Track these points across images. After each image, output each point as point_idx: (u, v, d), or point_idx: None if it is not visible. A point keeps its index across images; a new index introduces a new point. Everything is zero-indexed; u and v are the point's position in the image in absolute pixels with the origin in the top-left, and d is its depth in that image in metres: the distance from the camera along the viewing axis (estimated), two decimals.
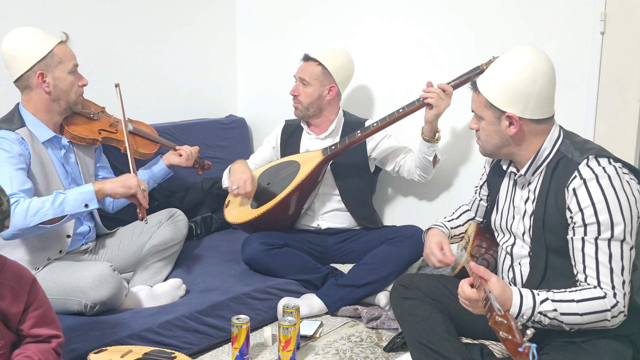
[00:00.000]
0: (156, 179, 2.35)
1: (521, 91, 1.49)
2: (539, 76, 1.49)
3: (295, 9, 2.97)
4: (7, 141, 1.85)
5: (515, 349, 1.13)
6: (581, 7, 2.15)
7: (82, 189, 1.87)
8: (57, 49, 1.94)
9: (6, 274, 1.33)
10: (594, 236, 1.41)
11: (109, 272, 1.88)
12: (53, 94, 1.95)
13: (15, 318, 1.34)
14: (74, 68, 1.98)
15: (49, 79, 1.93)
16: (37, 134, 1.95)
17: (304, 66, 2.46)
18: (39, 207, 1.77)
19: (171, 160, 2.34)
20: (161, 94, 2.93)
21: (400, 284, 1.75)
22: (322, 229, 2.48)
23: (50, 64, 1.93)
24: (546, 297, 1.38)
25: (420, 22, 2.57)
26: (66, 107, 2.00)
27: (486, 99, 1.54)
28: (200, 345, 1.94)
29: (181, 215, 2.31)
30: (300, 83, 2.45)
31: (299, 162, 2.39)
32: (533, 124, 1.53)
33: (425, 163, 2.30)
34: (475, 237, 1.78)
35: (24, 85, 1.95)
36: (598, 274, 1.40)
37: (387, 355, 1.93)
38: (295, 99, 2.47)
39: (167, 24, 2.91)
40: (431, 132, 2.22)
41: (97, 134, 2.12)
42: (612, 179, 1.42)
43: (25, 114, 1.96)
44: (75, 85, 1.99)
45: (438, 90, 2.15)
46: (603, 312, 1.38)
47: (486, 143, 1.61)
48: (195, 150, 2.38)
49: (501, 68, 1.53)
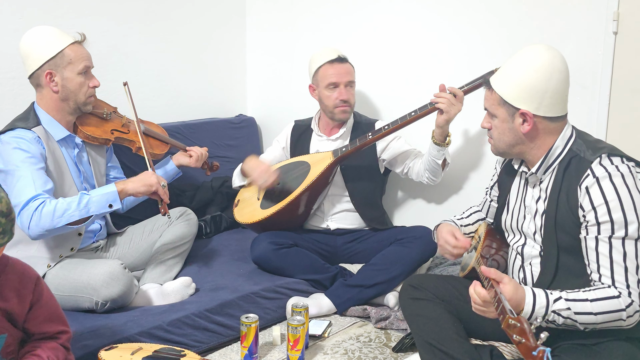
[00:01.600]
0: (166, 178, 2.35)
1: (536, 88, 1.48)
2: (555, 73, 1.48)
3: (306, 9, 2.97)
4: (24, 141, 1.87)
5: (529, 352, 1.12)
6: (594, 7, 2.13)
7: (105, 190, 1.90)
8: (69, 49, 1.94)
9: (7, 275, 1.32)
10: (608, 235, 1.40)
11: (120, 270, 1.89)
12: (61, 94, 1.96)
13: (21, 317, 1.35)
14: (84, 69, 1.97)
15: (57, 79, 1.94)
16: (52, 132, 1.97)
17: (344, 68, 2.38)
18: (65, 208, 1.81)
19: (181, 161, 2.35)
20: (171, 93, 2.94)
21: (409, 284, 1.75)
22: (331, 230, 2.48)
23: (60, 64, 1.93)
24: (559, 296, 1.37)
25: (429, 22, 2.56)
26: (75, 108, 2.01)
27: (500, 96, 1.53)
28: (210, 343, 1.94)
29: (192, 214, 2.33)
30: (346, 87, 2.38)
31: (310, 163, 2.39)
32: (547, 122, 1.52)
33: (435, 166, 2.29)
34: (485, 237, 1.77)
35: (36, 82, 1.97)
36: (612, 273, 1.39)
37: (396, 356, 1.93)
38: (345, 104, 2.38)
39: (177, 24, 2.92)
40: (442, 136, 2.21)
41: (109, 134, 2.13)
42: (626, 177, 1.41)
43: (40, 112, 1.98)
44: (86, 86, 1.99)
45: (449, 95, 2.13)
46: (618, 312, 1.36)
47: (499, 141, 1.60)
48: (204, 151, 2.39)
49: (516, 65, 1.52)
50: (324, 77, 2.38)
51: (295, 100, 2.99)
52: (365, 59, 2.61)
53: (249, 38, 3.25)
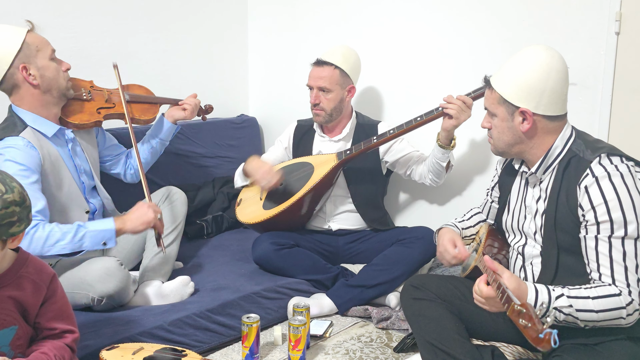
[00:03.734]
0: (165, 139, 2.30)
1: (535, 87, 1.49)
2: (552, 73, 1.50)
3: (308, 9, 2.97)
4: (16, 151, 1.79)
5: (536, 335, 1.13)
6: (596, 8, 2.13)
7: (103, 226, 1.83)
8: (29, 37, 1.84)
9: (28, 268, 1.37)
10: (607, 234, 1.40)
11: (116, 266, 1.88)
12: (42, 86, 1.87)
13: (34, 310, 1.38)
14: (52, 54, 1.89)
15: (33, 71, 1.84)
16: (42, 130, 1.89)
17: (320, 72, 2.36)
18: (59, 238, 1.75)
19: (175, 116, 2.27)
20: (173, 93, 2.92)
21: (411, 284, 1.75)
22: (333, 230, 2.48)
23: (29, 54, 1.83)
24: (561, 292, 1.38)
25: (432, 24, 2.55)
26: (59, 96, 1.93)
27: (500, 95, 1.54)
28: (211, 343, 1.94)
29: (177, 193, 2.25)
30: (318, 91, 2.37)
31: (313, 165, 2.38)
32: (546, 121, 1.52)
33: (438, 168, 2.29)
34: (487, 237, 1.77)
35: (11, 84, 1.86)
36: (612, 272, 1.39)
37: (397, 356, 1.93)
38: (316, 107, 2.38)
39: (180, 25, 2.93)
40: (447, 139, 2.21)
41: (97, 114, 2.06)
42: (625, 177, 1.41)
43: (23, 113, 1.88)
44: (60, 70, 1.91)
45: (459, 102, 2.12)
46: (618, 310, 1.37)
47: (498, 140, 1.60)
48: (197, 101, 2.29)
49: (515, 65, 1.54)
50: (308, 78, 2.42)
51: (296, 101, 2.99)
52: (367, 60, 2.61)
53: (251, 39, 3.26)
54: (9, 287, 1.33)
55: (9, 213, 1.24)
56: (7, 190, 1.24)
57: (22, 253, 1.39)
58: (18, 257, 1.37)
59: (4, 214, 1.23)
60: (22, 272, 1.36)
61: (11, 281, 1.34)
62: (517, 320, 1.18)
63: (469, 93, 2.16)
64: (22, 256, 1.38)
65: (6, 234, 1.25)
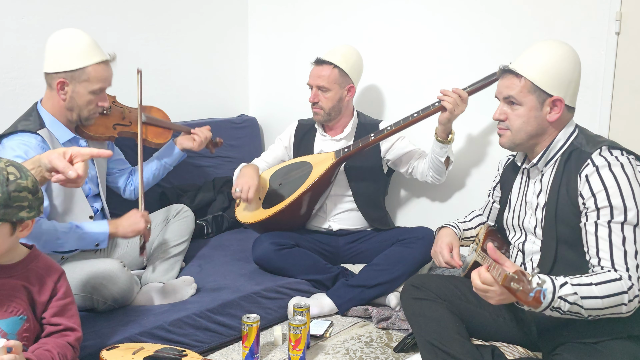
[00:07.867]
0: (171, 164, 2.38)
1: (565, 76, 1.50)
2: (578, 64, 1.52)
3: (308, 9, 2.97)
4: (28, 148, 1.83)
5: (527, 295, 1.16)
6: (596, 7, 2.13)
7: (98, 228, 1.91)
8: (92, 68, 1.91)
9: (39, 263, 1.43)
10: (607, 219, 1.41)
11: (120, 269, 1.89)
12: (67, 104, 1.95)
13: (42, 306, 1.42)
14: (98, 91, 1.96)
15: (68, 90, 1.93)
16: (56, 134, 1.96)
17: (319, 71, 2.39)
18: (55, 235, 1.82)
19: (185, 145, 2.36)
20: (173, 93, 2.95)
21: (411, 284, 1.75)
22: (334, 231, 2.47)
23: (76, 78, 1.91)
24: (565, 281, 1.35)
25: (431, 24, 2.55)
26: (77, 119, 2.00)
27: (532, 83, 1.52)
28: (211, 343, 1.94)
29: (188, 211, 2.33)
30: (317, 90, 2.40)
31: (312, 164, 2.39)
32: (566, 112, 1.54)
33: (438, 164, 2.29)
34: (485, 237, 1.78)
35: (48, 82, 1.96)
36: (612, 256, 1.39)
37: (398, 356, 1.93)
38: (315, 105, 2.41)
39: (181, 25, 2.93)
40: (444, 133, 2.21)
41: (112, 129, 2.13)
42: (625, 166, 1.42)
43: (44, 113, 1.96)
44: (94, 104, 1.98)
45: (455, 95, 2.13)
46: (621, 295, 1.35)
47: (520, 131, 1.56)
48: (208, 133, 2.37)
49: (545, 53, 1.52)
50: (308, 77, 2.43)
51: (296, 100, 2.99)
52: (368, 60, 2.60)
53: (251, 39, 3.26)
54: (20, 279, 1.39)
55: (21, 197, 1.29)
56: (22, 177, 1.30)
57: (35, 250, 1.45)
58: (30, 253, 1.43)
59: (16, 197, 1.28)
60: (32, 266, 1.42)
61: (21, 273, 1.40)
62: (510, 286, 1.20)
63: (465, 87, 2.16)
64: (34, 252, 1.44)
65: (16, 217, 1.29)
